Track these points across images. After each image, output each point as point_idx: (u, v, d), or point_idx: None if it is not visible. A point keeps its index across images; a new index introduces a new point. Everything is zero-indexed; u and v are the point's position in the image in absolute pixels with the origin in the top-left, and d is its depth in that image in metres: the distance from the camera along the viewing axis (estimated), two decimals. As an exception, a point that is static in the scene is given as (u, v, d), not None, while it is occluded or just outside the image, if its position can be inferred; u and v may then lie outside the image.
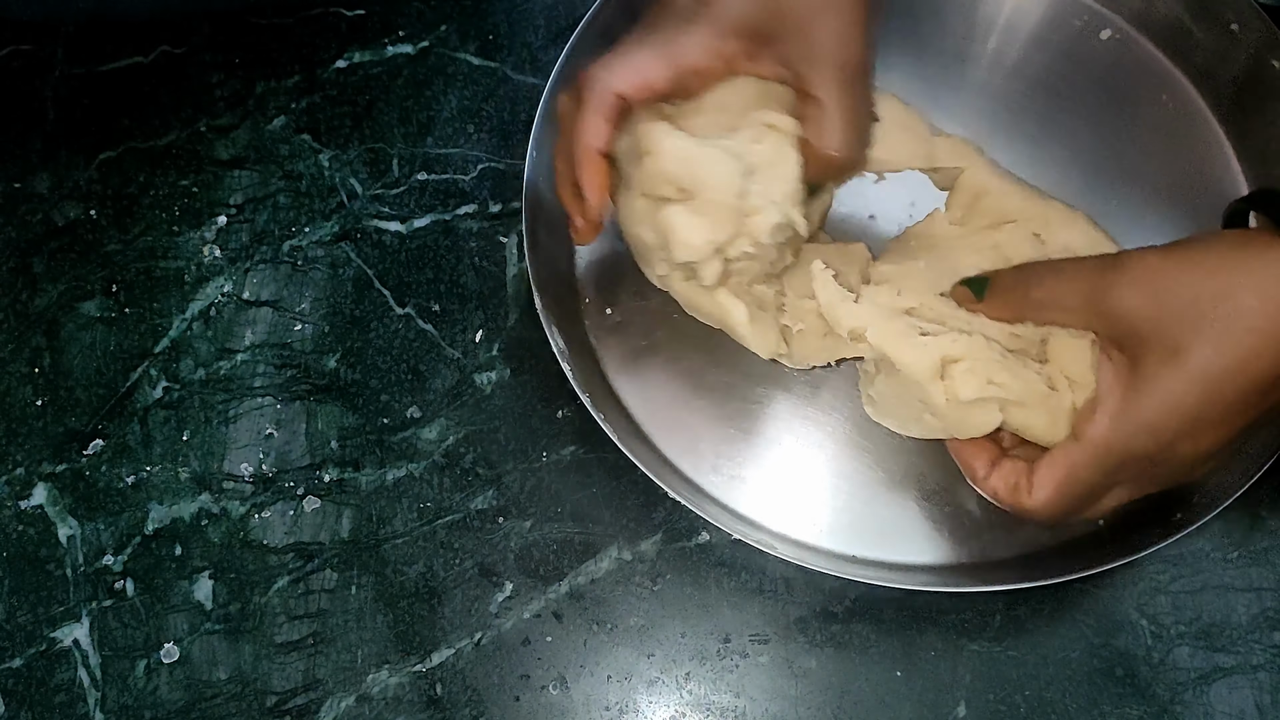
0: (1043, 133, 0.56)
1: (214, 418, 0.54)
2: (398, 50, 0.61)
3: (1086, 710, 0.49)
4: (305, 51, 0.61)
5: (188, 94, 0.60)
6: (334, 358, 0.55)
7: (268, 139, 0.59)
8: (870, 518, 0.51)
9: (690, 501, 0.47)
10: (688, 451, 0.52)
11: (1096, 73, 0.58)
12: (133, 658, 0.51)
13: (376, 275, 0.57)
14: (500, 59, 0.61)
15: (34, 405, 0.55)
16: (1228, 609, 0.50)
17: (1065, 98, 0.57)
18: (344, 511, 0.53)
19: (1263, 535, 0.51)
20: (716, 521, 0.48)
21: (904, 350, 0.45)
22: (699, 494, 0.51)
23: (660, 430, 0.53)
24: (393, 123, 0.60)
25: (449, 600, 0.51)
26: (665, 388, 0.53)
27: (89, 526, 0.53)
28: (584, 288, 0.55)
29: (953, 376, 0.45)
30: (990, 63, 0.58)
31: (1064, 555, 0.49)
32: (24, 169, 0.59)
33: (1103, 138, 0.57)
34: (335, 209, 0.58)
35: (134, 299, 0.57)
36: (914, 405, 0.46)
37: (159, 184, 0.59)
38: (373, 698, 0.50)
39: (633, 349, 0.54)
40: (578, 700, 0.50)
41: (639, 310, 0.55)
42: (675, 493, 0.47)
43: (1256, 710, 0.49)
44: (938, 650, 0.50)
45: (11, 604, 0.52)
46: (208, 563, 0.52)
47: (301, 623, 0.51)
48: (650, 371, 0.53)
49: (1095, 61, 0.58)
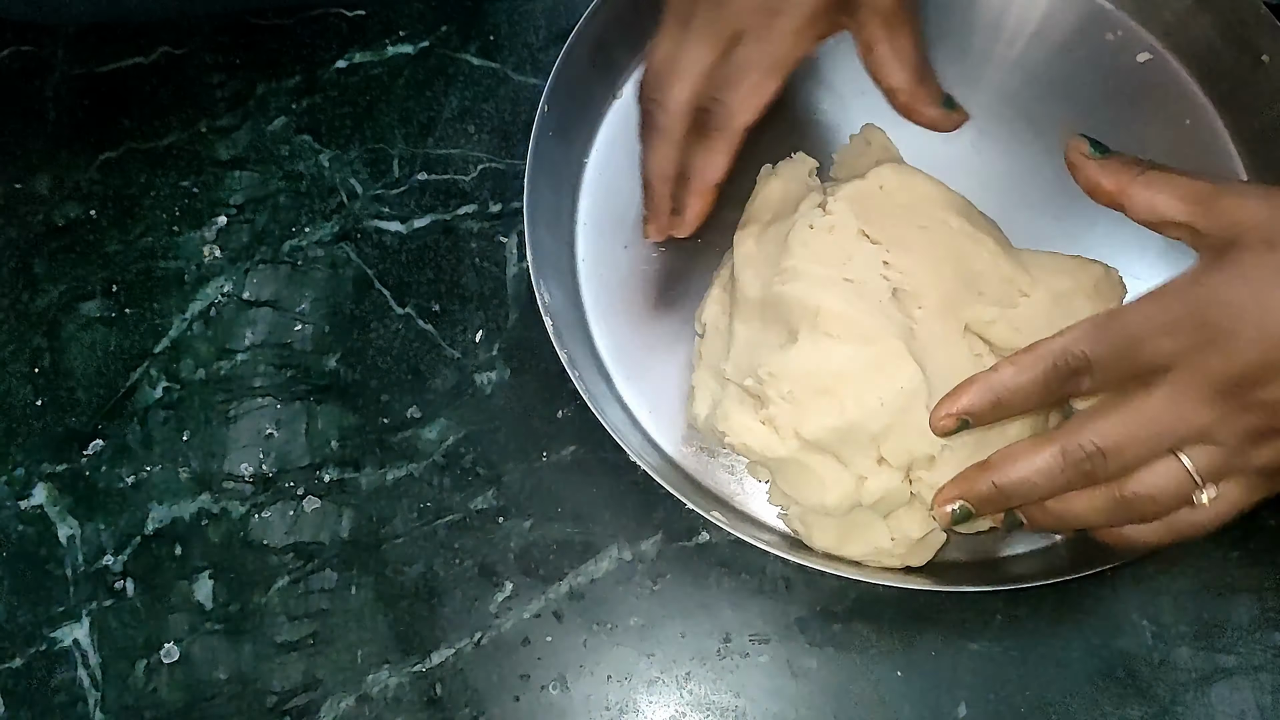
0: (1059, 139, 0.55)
1: (214, 418, 0.55)
2: (398, 50, 0.61)
3: (1087, 710, 0.49)
4: (306, 52, 0.61)
5: (188, 94, 0.60)
6: (334, 358, 0.55)
7: (268, 139, 0.59)
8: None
9: (692, 500, 0.47)
10: (690, 451, 0.52)
11: (1121, 87, 0.57)
12: (133, 658, 0.51)
13: (376, 275, 0.57)
14: (501, 59, 0.61)
15: (34, 405, 0.55)
16: (1228, 609, 0.50)
17: (1085, 108, 0.57)
18: (344, 511, 0.53)
19: (1263, 535, 0.51)
20: (719, 521, 0.47)
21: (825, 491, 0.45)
22: (701, 493, 0.51)
23: (662, 429, 0.52)
24: (393, 123, 0.60)
25: (449, 600, 0.51)
26: (667, 387, 0.53)
27: (89, 526, 0.53)
28: (585, 287, 0.55)
29: (897, 515, 0.45)
30: (1014, 67, 0.57)
31: (1065, 554, 0.49)
32: (25, 169, 0.59)
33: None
34: (335, 209, 0.58)
35: (134, 299, 0.57)
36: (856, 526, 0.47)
37: (159, 184, 0.59)
38: (373, 698, 0.50)
39: (635, 348, 0.54)
40: (578, 700, 0.50)
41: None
42: (678, 491, 0.47)
43: (1257, 710, 0.49)
44: (938, 650, 0.50)
45: (11, 604, 0.52)
46: (208, 563, 0.52)
47: (301, 623, 0.51)
48: (652, 370, 0.53)
49: (1120, 76, 0.57)
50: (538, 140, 0.52)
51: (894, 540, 0.46)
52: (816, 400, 0.44)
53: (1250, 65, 0.54)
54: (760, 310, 0.47)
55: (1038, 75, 0.57)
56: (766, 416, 0.45)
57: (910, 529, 0.45)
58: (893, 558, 0.46)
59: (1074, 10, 0.58)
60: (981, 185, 0.51)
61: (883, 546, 0.46)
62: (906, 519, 0.45)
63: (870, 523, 0.46)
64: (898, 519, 0.45)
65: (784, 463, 0.46)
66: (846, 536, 0.47)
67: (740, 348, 0.47)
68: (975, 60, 0.58)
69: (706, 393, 0.49)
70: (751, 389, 0.45)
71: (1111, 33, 0.58)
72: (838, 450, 0.44)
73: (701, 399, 0.49)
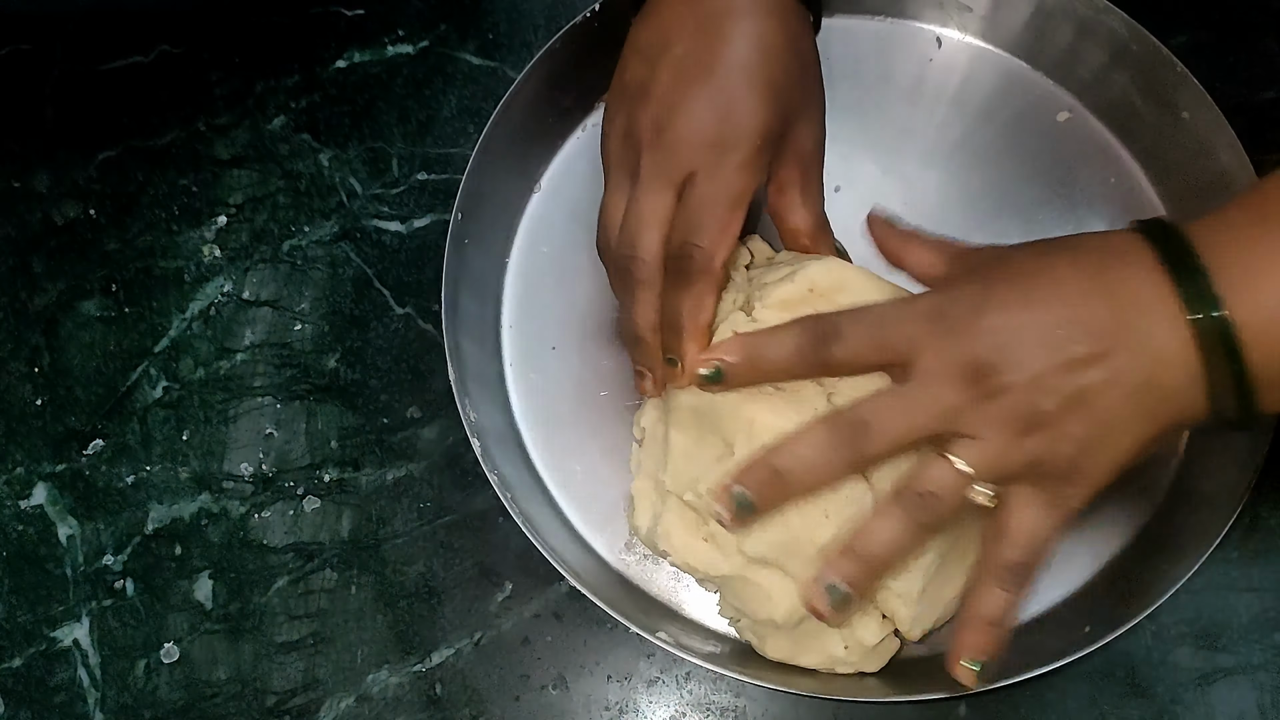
0: (987, 204, 0.55)
1: (214, 417, 0.54)
2: (398, 50, 0.61)
3: (1086, 710, 0.49)
4: (305, 51, 0.61)
5: (187, 93, 0.60)
6: (334, 358, 0.55)
7: (267, 138, 0.59)
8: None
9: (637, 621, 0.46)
10: (633, 559, 0.51)
11: (1044, 147, 0.56)
12: (133, 657, 0.51)
13: (376, 275, 0.57)
14: (500, 59, 0.60)
15: (34, 405, 0.55)
16: (1228, 609, 0.50)
17: (1010, 170, 0.55)
18: (344, 511, 0.53)
19: (1263, 535, 0.51)
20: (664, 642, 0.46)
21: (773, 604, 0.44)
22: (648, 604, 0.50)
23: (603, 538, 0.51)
24: (392, 122, 0.60)
25: (449, 600, 0.51)
26: (606, 492, 0.51)
27: (89, 526, 0.53)
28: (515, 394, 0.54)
29: (850, 622, 0.44)
30: (937, 134, 0.56)
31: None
32: (23, 168, 0.59)
33: (1046, 214, 0.54)
34: (335, 209, 0.58)
35: (134, 298, 0.57)
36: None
37: (158, 183, 0.59)
38: (373, 698, 0.50)
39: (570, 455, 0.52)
40: (578, 700, 0.50)
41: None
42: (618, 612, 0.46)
43: (1257, 710, 0.49)
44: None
45: (11, 604, 0.52)
46: (208, 563, 0.52)
47: (301, 623, 0.51)
48: (590, 475, 0.52)
49: (1042, 136, 0.56)
50: (452, 251, 0.51)
51: (847, 648, 0.45)
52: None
53: (1171, 121, 0.53)
54: (695, 418, 0.45)
55: (960, 140, 0.56)
56: (708, 534, 0.44)
57: (864, 635, 0.44)
58: (847, 665, 0.45)
59: (991, 73, 0.57)
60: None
61: (836, 655, 0.45)
62: (860, 626, 0.44)
63: (822, 631, 0.45)
64: (850, 627, 0.44)
65: (729, 579, 0.45)
66: (800, 646, 0.45)
67: (677, 458, 0.45)
68: (897, 129, 0.56)
69: (647, 503, 0.47)
70: (692, 504, 0.44)
71: (1030, 93, 0.57)
72: (784, 564, 0.43)
73: (642, 510, 0.47)
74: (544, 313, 0.55)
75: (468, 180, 0.52)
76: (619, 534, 0.51)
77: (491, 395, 0.52)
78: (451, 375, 0.49)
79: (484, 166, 0.52)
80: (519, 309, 0.55)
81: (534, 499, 0.50)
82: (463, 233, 0.52)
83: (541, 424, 0.53)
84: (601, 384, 0.53)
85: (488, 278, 0.55)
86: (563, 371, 0.53)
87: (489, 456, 0.49)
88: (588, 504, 0.51)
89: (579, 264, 0.54)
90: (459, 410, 0.49)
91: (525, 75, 0.53)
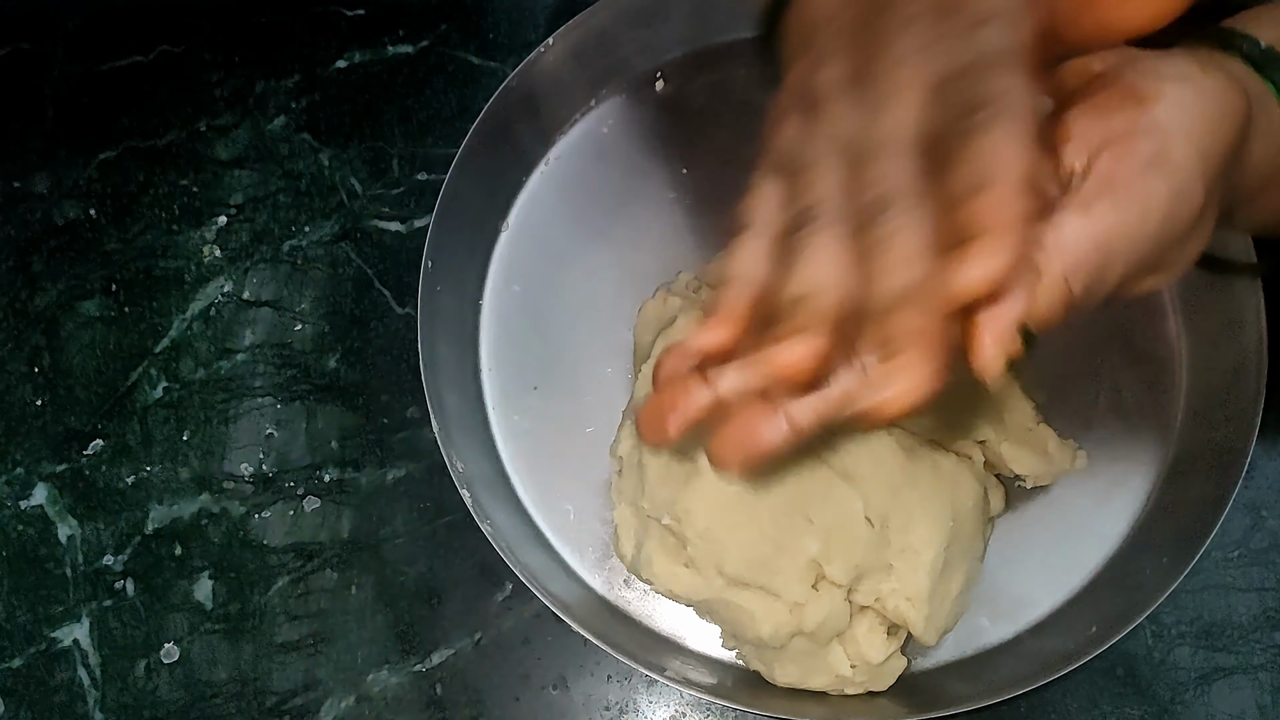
0: None
1: (214, 417, 0.54)
2: (398, 50, 0.61)
3: (1086, 710, 0.49)
4: (305, 51, 0.61)
5: (187, 93, 0.60)
6: (334, 358, 0.55)
7: (268, 138, 0.59)
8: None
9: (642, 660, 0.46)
10: (634, 596, 0.50)
11: None
12: (133, 657, 0.51)
13: (376, 275, 0.57)
14: (500, 58, 0.60)
15: (34, 405, 0.55)
16: (1228, 609, 0.50)
17: None
18: (344, 511, 0.53)
19: (1263, 535, 0.51)
20: (671, 681, 0.45)
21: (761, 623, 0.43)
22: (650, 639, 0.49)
23: (601, 575, 0.51)
24: (393, 122, 0.59)
25: (449, 600, 0.51)
26: (600, 528, 0.51)
27: (89, 526, 0.53)
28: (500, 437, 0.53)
29: (855, 640, 0.44)
30: None
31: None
32: (23, 168, 0.59)
33: None
34: (335, 208, 0.58)
35: (134, 298, 0.57)
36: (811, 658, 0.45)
37: (159, 183, 0.59)
38: (373, 698, 0.50)
39: (560, 496, 0.52)
40: (578, 700, 0.50)
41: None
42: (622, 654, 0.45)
43: (1257, 710, 0.49)
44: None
45: (11, 604, 0.52)
46: (208, 563, 0.52)
47: (301, 623, 0.51)
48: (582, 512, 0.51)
49: None
50: (425, 299, 0.50)
51: (854, 667, 0.44)
52: (733, 533, 0.42)
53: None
54: None
55: None
56: (688, 559, 0.44)
57: (870, 654, 0.44)
58: (855, 685, 0.45)
59: None
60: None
61: (844, 675, 0.44)
62: (866, 645, 0.44)
63: (828, 652, 0.44)
64: (856, 645, 0.44)
65: (712, 604, 0.44)
66: (807, 670, 0.45)
67: (653, 482, 0.44)
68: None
69: (630, 530, 0.47)
70: (672, 528, 0.44)
71: None
72: (766, 581, 0.42)
73: (625, 537, 0.47)
74: (522, 353, 0.54)
75: (434, 226, 0.51)
76: (616, 569, 0.50)
77: (477, 442, 0.52)
78: (435, 428, 0.48)
79: (450, 210, 0.51)
80: (496, 351, 0.54)
81: (528, 545, 0.50)
82: (434, 280, 0.51)
83: (529, 468, 0.52)
84: (585, 420, 0.52)
85: (464, 322, 0.54)
86: (546, 411, 0.53)
87: (480, 507, 0.48)
88: (583, 544, 0.51)
89: (553, 300, 0.54)
90: (445, 462, 0.48)
91: (484, 115, 0.52)
